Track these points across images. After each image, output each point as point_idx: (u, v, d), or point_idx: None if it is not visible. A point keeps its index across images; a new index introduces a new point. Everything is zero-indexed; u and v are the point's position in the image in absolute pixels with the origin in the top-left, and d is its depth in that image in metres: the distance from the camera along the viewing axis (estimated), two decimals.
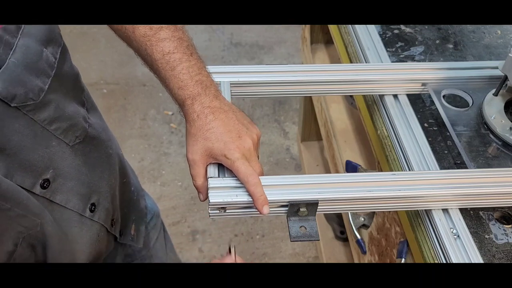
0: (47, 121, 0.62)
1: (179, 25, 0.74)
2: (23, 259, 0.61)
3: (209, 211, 0.69)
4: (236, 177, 0.70)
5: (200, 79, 0.72)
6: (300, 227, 0.70)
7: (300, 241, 0.69)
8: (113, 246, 0.86)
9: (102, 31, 2.70)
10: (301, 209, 0.69)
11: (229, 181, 0.70)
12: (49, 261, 0.65)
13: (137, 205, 0.95)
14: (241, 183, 0.69)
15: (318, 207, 0.70)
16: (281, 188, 0.70)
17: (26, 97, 0.57)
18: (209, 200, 0.68)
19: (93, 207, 0.72)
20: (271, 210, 0.70)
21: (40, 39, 0.60)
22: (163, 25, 0.72)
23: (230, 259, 0.72)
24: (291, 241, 0.70)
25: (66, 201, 0.67)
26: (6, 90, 0.55)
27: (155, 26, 0.72)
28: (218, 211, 0.69)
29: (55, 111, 0.63)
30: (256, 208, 0.68)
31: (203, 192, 0.72)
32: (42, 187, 0.62)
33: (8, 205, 0.55)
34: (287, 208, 0.70)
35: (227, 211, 0.69)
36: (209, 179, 0.70)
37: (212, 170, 0.71)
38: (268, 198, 0.68)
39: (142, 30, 0.72)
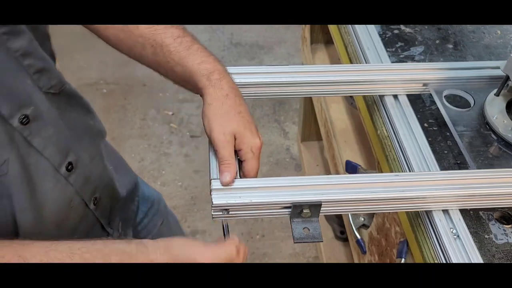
0: (20, 52, 0.62)
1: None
2: None
3: (212, 213, 0.69)
4: (239, 178, 0.71)
5: (215, 59, 0.73)
6: (303, 228, 0.70)
7: (304, 242, 0.69)
8: (98, 229, 0.83)
9: None
10: (304, 211, 0.69)
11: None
12: (17, 215, 0.63)
13: (127, 205, 0.93)
14: (245, 185, 0.70)
15: (321, 208, 0.70)
16: (284, 190, 0.70)
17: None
18: (212, 202, 0.68)
19: (70, 166, 0.69)
20: (273, 212, 0.70)
21: None
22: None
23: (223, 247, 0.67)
24: (294, 242, 0.69)
25: (43, 146, 0.65)
26: None
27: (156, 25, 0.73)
28: (221, 213, 0.69)
29: (28, 45, 0.63)
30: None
31: (232, 171, 0.69)
32: (21, 123, 0.61)
33: None
34: (290, 210, 0.70)
35: (230, 212, 0.69)
36: (211, 180, 0.70)
37: (215, 171, 0.71)
38: (271, 200, 0.69)
39: (145, 26, 0.73)
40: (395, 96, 0.91)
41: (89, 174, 0.75)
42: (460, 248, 0.70)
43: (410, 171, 0.81)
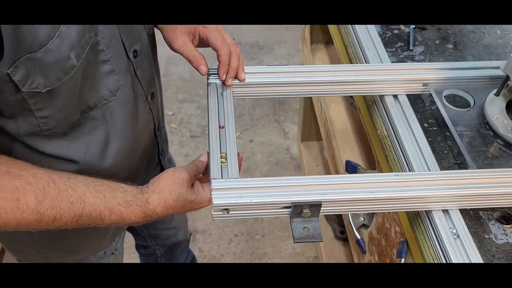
0: None
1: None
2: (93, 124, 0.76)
3: (212, 213, 0.69)
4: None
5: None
6: (303, 228, 0.70)
7: (304, 242, 0.69)
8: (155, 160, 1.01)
9: None
10: (304, 210, 0.69)
11: (232, 183, 0.70)
12: (112, 136, 0.78)
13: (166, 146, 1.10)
14: (245, 185, 0.70)
15: (321, 208, 0.70)
16: (284, 190, 0.70)
17: None
18: (212, 202, 0.68)
19: (152, 95, 0.87)
20: (273, 212, 0.70)
21: None
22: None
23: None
24: (294, 242, 0.69)
25: (142, 77, 0.82)
26: None
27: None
28: (221, 213, 0.69)
29: None
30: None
31: (204, 61, 0.83)
32: (133, 55, 0.79)
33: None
34: (290, 210, 0.70)
35: (230, 212, 0.69)
36: (212, 180, 0.70)
37: (216, 171, 0.71)
38: (271, 200, 0.69)
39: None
40: (395, 96, 0.91)
41: (160, 105, 0.95)
42: (460, 248, 0.70)
43: (410, 171, 0.81)
